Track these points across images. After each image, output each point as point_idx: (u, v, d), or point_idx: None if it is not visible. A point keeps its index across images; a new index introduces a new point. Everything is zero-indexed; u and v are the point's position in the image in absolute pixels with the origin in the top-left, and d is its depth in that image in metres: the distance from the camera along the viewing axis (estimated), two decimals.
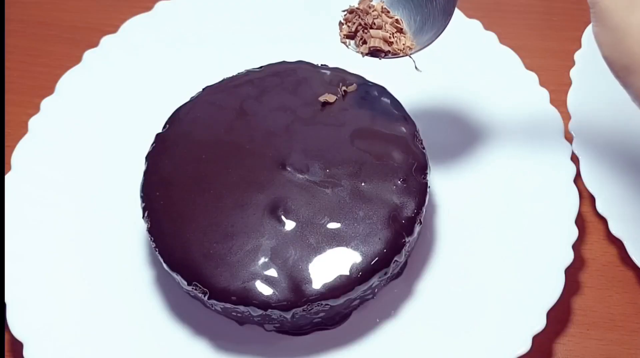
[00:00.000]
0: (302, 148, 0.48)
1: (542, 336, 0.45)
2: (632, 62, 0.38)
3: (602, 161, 0.51)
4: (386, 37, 0.45)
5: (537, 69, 0.55)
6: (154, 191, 0.47)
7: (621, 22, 0.38)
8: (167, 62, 0.59)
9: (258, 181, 0.46)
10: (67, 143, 0.54)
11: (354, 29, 0.46)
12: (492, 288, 0.47)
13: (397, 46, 0.46)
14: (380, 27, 0.46)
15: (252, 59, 0.54)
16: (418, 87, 0.56)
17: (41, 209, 0.51)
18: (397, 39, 0.46)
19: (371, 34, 0.45)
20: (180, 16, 0.61)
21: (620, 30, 0.38)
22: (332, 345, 0.46)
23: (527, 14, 0.65)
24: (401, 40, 0.46)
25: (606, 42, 0.39)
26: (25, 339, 0.45)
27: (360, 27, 0.46)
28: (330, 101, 0.49)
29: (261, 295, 0.43)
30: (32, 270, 0.48)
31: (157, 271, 0.49)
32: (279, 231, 0.44)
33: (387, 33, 0.45)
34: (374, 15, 0.46)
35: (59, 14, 0.66)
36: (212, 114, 0.49)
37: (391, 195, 0.45)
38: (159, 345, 0.46)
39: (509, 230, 0.49)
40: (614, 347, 0.47)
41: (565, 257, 0.47)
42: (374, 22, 0.45)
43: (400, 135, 0.48)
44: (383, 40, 0.45)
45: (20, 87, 0.61)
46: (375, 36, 0.45)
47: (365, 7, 0.46)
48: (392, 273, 0.46)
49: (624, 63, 0.38)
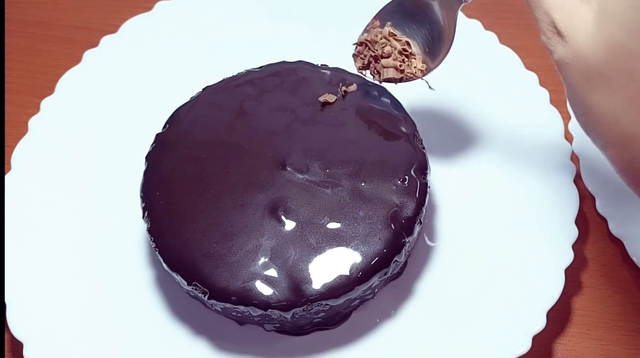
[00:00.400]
0: (302, 148, 0.48)
1: (542, 336, 0.45)
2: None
3: (602, 161, 0.51)
4: (396, 65, 0.46)
5: (537, 69, 0.55)
6: (154, 191, 0.47)
7: (584, 100, 0.34)
8: (167, 62, 0.59)
9: (258, 181, 0.46)
10: (67, 143, 0.54)
11: (367, 61, 0.48)
12: (492, 288, 0.47)
13: (409, 70, 0.47)
14: (390, 55, 0.47)
15: (252, 59, 0.54)
16: (418, 87, 0.56)
17: (41, 209, 0.51)
18: (408, 64, 0.47)
19: (382, 64, 0.47)
20: (180, 16, 0.61)
21: (586, 108, 0.34)
22: (332, 345, 0.46)
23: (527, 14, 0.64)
24: (412, 64, 0.47)
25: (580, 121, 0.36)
26: (25, 339, 0.45)
27: (372, 59, 0.47)
28: (330, 101, 0.49)
29: (261, 295, 0.43)
30: (32, 270, 0.48)
31: (157, 271, 0.49)
32: (279, 231, 0.44)
33: (397, 62, 0.46)
34: (382, 44, 0.47)
35: (59, 14, 0.66)
36: (212, 114, 0.49)
37: (391, 195, 0.45)
38: (159, 345, 0.46)
39: (509, 229, 0.49)
40: (614, 347, 0.47)
41: (565, 257, 0.47)
42: (383, 51, 0.47)
43: (400, 135, 0.48)
44: (394, 69, 0.46)
45: (20, 87, 0.61)
46: (386, 66, 0.47)
47: (373, 37, 0.47)
48: (392, 273, 0.46)
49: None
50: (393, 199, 0.45)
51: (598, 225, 0.52)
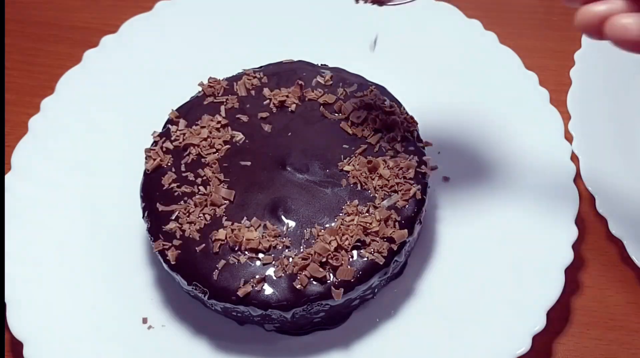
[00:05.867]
0: (302, 148, 0.47)
1: (542, 336, 0.45)
2: None
3: (602, 161, 0.51)
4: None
5: (537, 69, 0.55)
6: (154, 191, 0.47)
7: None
8: (167, 62, 0.59)
9: (258, 181, 0.46)
10: (67, 143, 0.54)
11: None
12: (492, 288, 0.47)
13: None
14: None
15: (252, 59, 0.54)
16: (418, 87, 0.56)
17: (41, 209, 0.51)
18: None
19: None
20: (180, 16, 0.61)
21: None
22: (332, 345, 0.46)
23: (527, 14, 0.65)
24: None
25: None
26: (25, 339, 0.45)
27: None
28: (330, 101, 0.49)
29: (261, 295, 0.43)
30: (32, 270, 0.48)
31: (157, 271, 0.49)
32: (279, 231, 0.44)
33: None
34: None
35: (59, 14, 0.66)
36: (211, 114, 0.49)
37: (391, 195, 0.45)
38: (159, 345, 0.46)
39: (509, 229, 0.49)
40: (614, 347, 0.47)
41: (565, 257, 0.47)
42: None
43: (400, 135, 0.48)
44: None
45: (20, 87, 0.61)
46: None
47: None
48: (392, 273, 0.46)
49: None
50: (393, 198, 0.45)
51: (598, 224, 0.51)
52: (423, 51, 0.58)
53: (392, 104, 0.49)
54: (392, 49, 0.58)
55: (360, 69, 0.52)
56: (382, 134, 0.48)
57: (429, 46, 0.58)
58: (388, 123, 0.48)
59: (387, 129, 0.48)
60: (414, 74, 0.57)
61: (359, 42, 0.57)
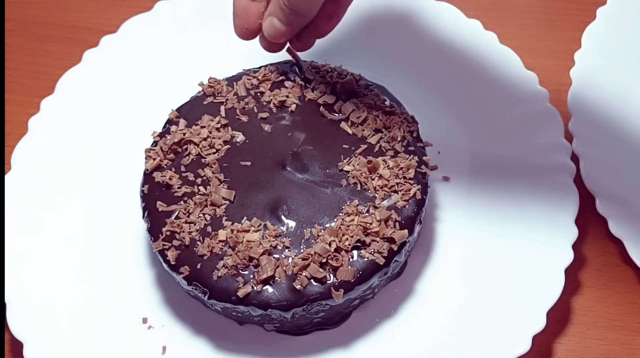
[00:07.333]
0: (302, 148, 0.47)
1: (542, 336, 0.45)
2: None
3: (602, 161, 0.51)
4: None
5: (537, 69, 0.55)
6: (154, 191, 0.47)
7: None
8: (167, 62, 0.59)
9: (258, 181, 0.46)
10: (67, 142, 0.54)
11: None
12: (492, 288, 0.47)
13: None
14: None
15: (252, 59, 0.54)
16: (418, 87, 0.56)
17: (41, 209, 0.51)
18: None
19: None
20: (180, 16, 0.61)
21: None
22: (332, 345, 0.46)
23: (527, 14, 0.65)
24: None
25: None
26: (25, 339, 0.45)
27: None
28: (329, 101, 0.49)
29: (261, 295, 0.43)
30: (32, 270, 0.48)
31: (157, 271, 0.49)
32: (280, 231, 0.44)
33: None
34: None
35: (59, 14, 0.66)
36: (211, 114, 0.49)
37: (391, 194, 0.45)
38: (159, 345, 0.46)
39: (509, 230, 0.49)
40: (614, 347, 0.47)
41: (565, 257, 0.47)
42: None
43: (400, 135, 0.48)
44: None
45: (20, 87, 0.61)
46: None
47: None
48: (392, 273, 0.46)
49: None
50: (393, 199, 0.45)
51: (598, 224, 0.51)
52: (423, 51, 0.58)
53: (392, 104, 0.49)
54: (392, 49, 0.58)
55: (360, 69, 0.52)
56: (382, 134, 0.48)
57: (429, 45, 0.58)
58: (388, 123, 0.48)
59: (387, 129, 0.48)
60: (414, 74, 0.57)
61: (359, 42, 0.57)
